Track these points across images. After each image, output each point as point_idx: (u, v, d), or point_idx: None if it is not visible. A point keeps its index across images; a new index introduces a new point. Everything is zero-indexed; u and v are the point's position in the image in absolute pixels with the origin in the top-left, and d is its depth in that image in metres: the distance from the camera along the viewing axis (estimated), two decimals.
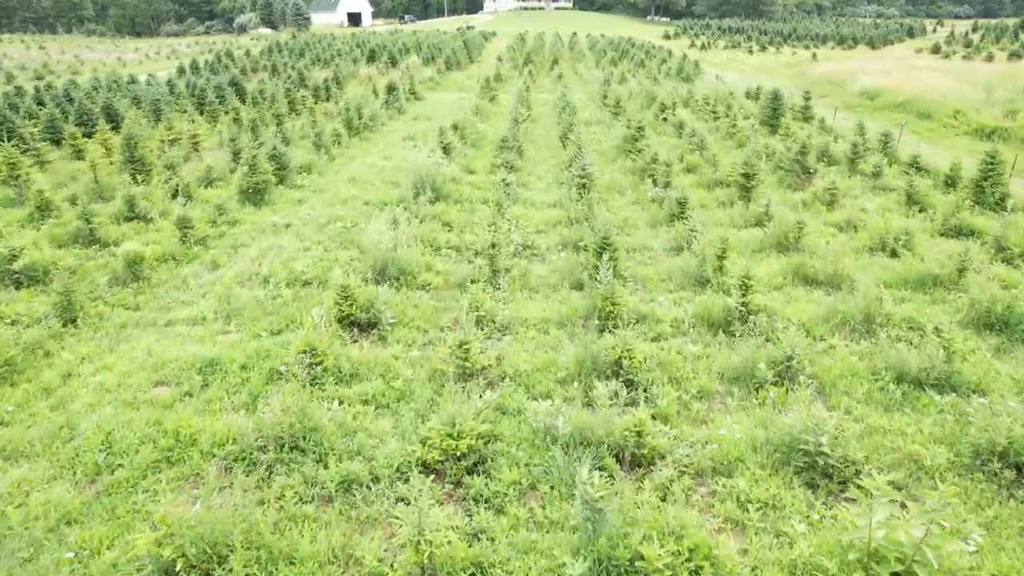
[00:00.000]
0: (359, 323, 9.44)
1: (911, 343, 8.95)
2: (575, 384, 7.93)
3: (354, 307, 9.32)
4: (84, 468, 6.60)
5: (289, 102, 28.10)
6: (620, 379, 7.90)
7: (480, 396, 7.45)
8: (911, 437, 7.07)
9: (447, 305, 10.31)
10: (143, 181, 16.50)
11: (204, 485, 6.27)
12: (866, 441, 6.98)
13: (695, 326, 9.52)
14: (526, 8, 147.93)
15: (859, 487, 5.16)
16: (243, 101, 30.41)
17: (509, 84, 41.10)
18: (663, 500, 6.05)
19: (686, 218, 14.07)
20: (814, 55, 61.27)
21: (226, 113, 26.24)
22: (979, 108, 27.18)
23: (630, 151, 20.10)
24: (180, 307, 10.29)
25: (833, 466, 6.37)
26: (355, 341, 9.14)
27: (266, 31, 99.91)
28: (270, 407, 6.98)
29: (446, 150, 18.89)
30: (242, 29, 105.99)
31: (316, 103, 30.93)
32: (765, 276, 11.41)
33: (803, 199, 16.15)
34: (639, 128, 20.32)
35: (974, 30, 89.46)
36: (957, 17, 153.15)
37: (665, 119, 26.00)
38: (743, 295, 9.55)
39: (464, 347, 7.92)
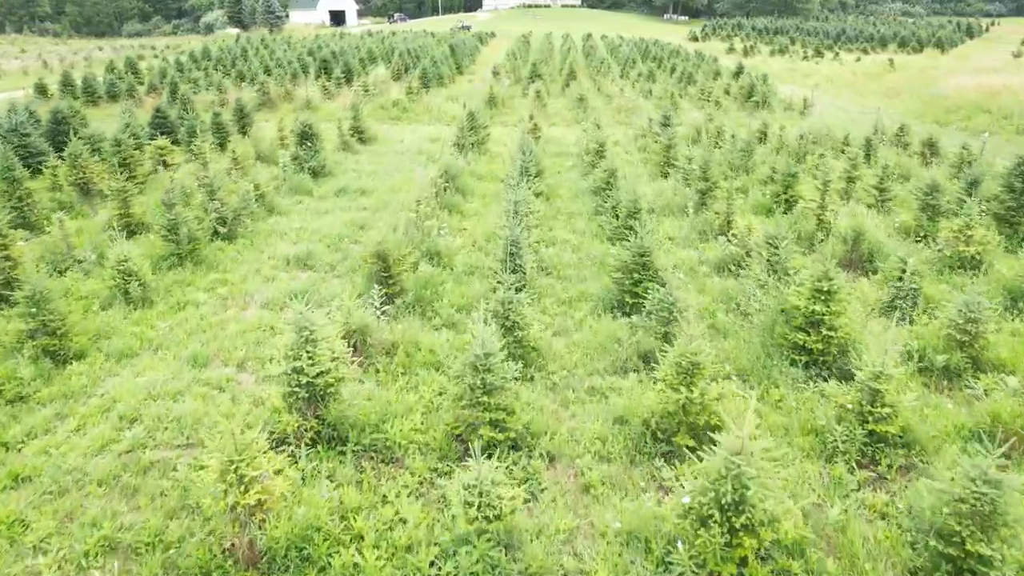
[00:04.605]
0: None
1: None
2: None
3: None
4: None
5: (122, 161, 15.84)
6: None
7: None
8: None
9: None
10: None
11: None
12: None
13: None
14: (530, 6, 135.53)
15: None
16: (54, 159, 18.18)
17: (508, 111, 28.87)
18: None
19: None
20: (891, 62, 49.02)
21: None
22: None
23: (814, 354, 7.91)
24: None
25: None
26: None
27: (234, 31, 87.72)
28: None
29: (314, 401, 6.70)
30: (209, 29, 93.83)
31: (188, 160, 18.70)
32: None
33: None
34: (820, 293, 8.02)
35: None
36: (988, 15, 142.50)
37: (791, 205, 13.76)
38: None
39: None
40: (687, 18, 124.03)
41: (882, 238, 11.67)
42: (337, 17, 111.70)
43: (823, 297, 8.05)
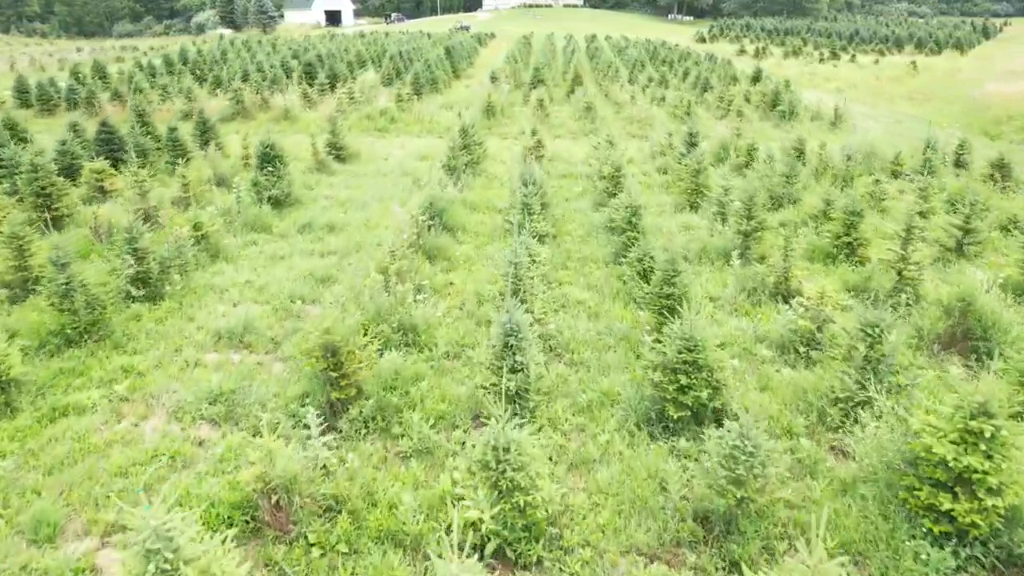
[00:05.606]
0: None
1: None
2: None
3: None
4: None
5: (40, 191, 13.11)
6: None
7: None
8: None
9: None
10: None
11: None
12: None
13: None
14: (531, 5, 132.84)
15: None
16: None
17: (508, 120, 26.16)
18: None
19: None
20: (913, 64, 46.25)
21: None
22: None
23: (959, 523, 5.17)
24: None
25: None
26: None
27: (226, 31, 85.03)
28: None
29: None
30: (200, 29, 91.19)
31: (130, 186, 15.85)
32: None
33: None
34: (973, 437, 5.30)
35: None
36: (995, 15, 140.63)
37: (855, 250, 11.03)
38: None
39: None
40: (692, 18, 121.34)
41: (994, 305, 8.92)
42: (333, 17, 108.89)
43: (979, 444, 5.32)
